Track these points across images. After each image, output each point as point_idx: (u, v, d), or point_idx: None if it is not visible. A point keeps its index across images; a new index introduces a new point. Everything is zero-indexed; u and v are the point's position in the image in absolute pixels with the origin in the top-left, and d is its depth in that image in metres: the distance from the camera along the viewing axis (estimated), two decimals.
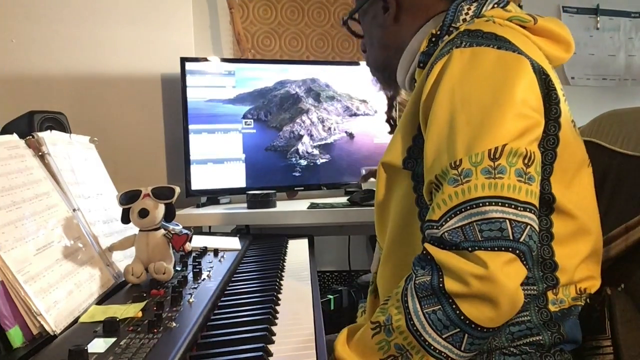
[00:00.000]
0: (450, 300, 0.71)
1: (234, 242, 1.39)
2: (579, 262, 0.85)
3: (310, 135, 2.07)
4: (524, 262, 0.72)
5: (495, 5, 0.90)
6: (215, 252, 1.24)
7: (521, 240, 0.71)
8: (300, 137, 2.06)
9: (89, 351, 0.65)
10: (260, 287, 1.04)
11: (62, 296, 0.80)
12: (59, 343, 0.71)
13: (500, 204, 0.72)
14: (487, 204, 0.72)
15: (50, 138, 1.04)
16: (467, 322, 0.71)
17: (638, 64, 2.71)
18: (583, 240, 0.86)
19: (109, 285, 0.95)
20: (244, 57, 2.19)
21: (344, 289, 1.79)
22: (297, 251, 1.42)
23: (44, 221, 0.88)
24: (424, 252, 0.76)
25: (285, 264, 1.27)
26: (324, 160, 2.09)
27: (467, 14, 0.89)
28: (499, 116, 0.75)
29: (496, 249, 0.71)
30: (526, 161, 0.75)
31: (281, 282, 1.10)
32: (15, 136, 0.97)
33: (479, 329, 0.72)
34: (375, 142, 2.13)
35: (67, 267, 0.86)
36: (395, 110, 1.22)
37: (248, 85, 1.99)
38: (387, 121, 1.24)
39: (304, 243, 1.51)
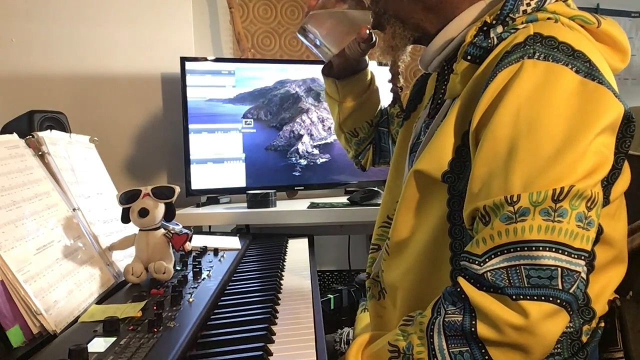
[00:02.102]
0: (480, 345, 0.67)
1: (234, 242, 1.39)
2: (611, 290, 0.82)
3: (310, 135, 2.07)
4: (569, 312, 0.67)
5: None
6: (215, 251, 1.24)
7: (571, 291, 0.66)
8: (300, 136, 2.06)
9: (89, 350, 0.65)
10: (260, 287, 1.04)
11: (62, 295, 0.80)
12: (59, 342, 0.71)
13: (554, 249, 0.66)
14: (540, 248, 0.66)
15: (50, 138, 1.04)
16: None
17: (638, 64, 2.71)
18: (618, 267, 0.82)
19: (109, 285, 0.95)
20: (244, 56, 2.19)
21: (344, 288, 1.79)
22: (297, 251, 1.42)
23: (44, 221, 0.88)
24: (458, 288, 0.70)
25: (285, 263, 1.27)
26: (324, 160, 2.09)
27: (528, 4, 0.78)
28: (571, 152, 0.66)
29: (543, 298, 0.65)
30: (589, 204, 0.68)
31: (281, 281, 1.10)
32: (15, 136, 0.97)
33: None
34: None
35: (67, 267, 0.86)
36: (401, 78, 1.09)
37: (248, 84, 1.99)
38: (393, 91, 1.10)
39: (304, 243, 1.51)
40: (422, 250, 0.84)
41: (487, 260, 0.69)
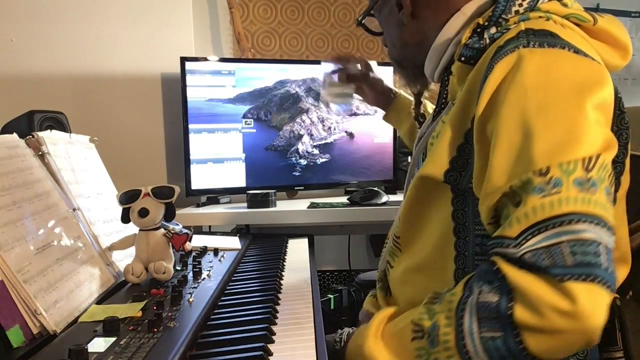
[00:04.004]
0: (516, 331, 0.61)
1: (234, 242, 1.39)
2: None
3: (310, 135, 2.07)
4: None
5: None
6: (215, 251, 1.24)
7: (610, 270, 0.61)
8: (300, 136, 2.06)
9: (89, 350, 0.65)
10: (260, 287, 1.04)
11: (62, 295, 0.80)
12: (59, 342, 0.71)
13: (594, 222, 0.62)
14: (581, 221, 0.62)
15: (50, 138, 1.04)
16: (528, 355, 0.62)
17: (638, 64, 2.71)
18: (621, 268, 0.80)
19: (109, 285, 0.95)
20: (244, 56, 2.19)
21: (344, 288, 1.79)
22: (297, 251, 1.42)
23: (44, 221, 0.88)
24: (494, 266, 0.65)
25: (285, 263, 1.27)
26: (323, 160, 2.09)
27: (520, 5, 0.79)
28: (587, 124, 0.66)
29: (591, 278, 0.59)
30: (610, 178, 0.66)
31: (281, 281, 1.10)
32: (15, 136, 0.97)
33: None
34: (375, 142, 2.13)
35: (67, 267, 0.86)
36: (423, 106, 1.16)
37: (248, 84, 1.99)
38: (416, 118, 1.16)
39: (304, 243, 1.51)
40: (430, 251, 0.84)
41: (523, 242, 0.63)
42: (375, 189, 1.87)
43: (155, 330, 0.73)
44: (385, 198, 1.81)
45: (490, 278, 0.65)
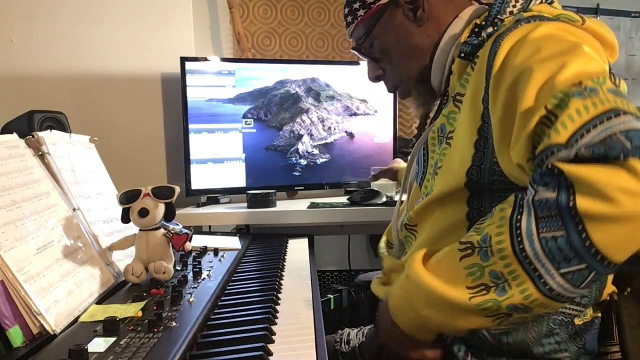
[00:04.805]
0: (580, 227, 0.58)
1: (234, 242, 1.39)
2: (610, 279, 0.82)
3: (310, 135, 2.07)
4: None
5: (544, 1, 0.86)
6: (215, 251, 1.24)
7: None
8: (300, 136, 2.06)
9: (89, 350, 0.65)
10: (260, 287, 1.04)
11: (62, 295, 0.80)
12: (59, 342, 0.71)
13: (636, 117, 0.61)
14: (627, 114, 0.61)
15: (50, 138, 1.03)
16: (596, 253, 0.58)
17: (638, 64, 2.71)
18: None
19: (109, 285, 0.95)
20: (244, 56, 2.19)
21: (344, 288, 1.79)
22: (297, 251, 1.42)
23: (44, 221, 0.88)
24: (549, 167, 0.62)
25: (285, 263, 1.27)
26: (324, 160, 2.09)
27: (514, 6, 0.85)
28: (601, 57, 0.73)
29: None
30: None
31: (281, 281, 1.10)
32: (15, 136, 0.97)
33: (609, 262, 0.59)
34: (375, 142, 2.13)
35: (67, 267, 0.86)
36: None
37: (248, 84, 1.99)
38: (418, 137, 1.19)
39: (304, 243, 1.51)
40: (442, 232, 0.85)
41: (575, 142, 0.61)
42: (375, 189, 1.87)
43: (155, 330, 0.73)
44: (385, 198, 1.81)
45: (546, 180, 0.62)
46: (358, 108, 2.11)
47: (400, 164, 1.73)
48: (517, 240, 0.61)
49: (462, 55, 0.84)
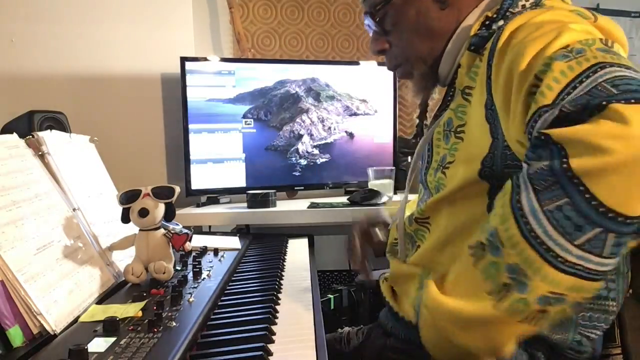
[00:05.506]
0: (582, 188, 0.54)
1: (234, 242, 1.39)
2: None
3: (310, 135, 2.07)
4: None
5: None
6: (215, 251, 1.24)
7: None
8: (300, 136, 2.06)
9: (89, 350, 0.65)
10: (260, 287, 1.04)
11: (62, 295, 0.80)
12: (59, 342, 0.71)
13: (625, 67, 0.60)
14: (614, 66, 0.59)
15: (50, 138, 1.03)
16: (606, 211, 0.54)
17: (638, 64, 2.70)
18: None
19: (109, 285, 0.95)
20: (244, 56, 2.19)
21: (344, 288, 1.79)
22: (297, 251, 1.42)
23: (44, 221, 0.88)
24: (536, 136, 0.60)
25: (285, 263, 1.27)
26: (324, 160, 2.09)
27: (527, 0, 0.84)
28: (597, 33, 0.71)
29: (637, 101, 0.54)
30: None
31: (281, 281, 1.10)
32: (15, 136, 0.97)
33: (623, 218, 0.53)
34: (375, 142, 2.13)
35: (67, 267, 0.86)
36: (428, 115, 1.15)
37: (248, 84, 1.99)
38: (418, 127, 1.14)
39: (304, 243, 1.51)
40: (459, 226, 0.83)
41: (559, 102, 0.60)
42: (375, 189, 1.87)
43: (155, 330, 0.73)
44: (385, 198, 1.81)
45: (536, 151, 0.60)
46: (358, 108, 2.11)
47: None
48: (522, 222, 0.58)
49: (472, 47, 0.83)
